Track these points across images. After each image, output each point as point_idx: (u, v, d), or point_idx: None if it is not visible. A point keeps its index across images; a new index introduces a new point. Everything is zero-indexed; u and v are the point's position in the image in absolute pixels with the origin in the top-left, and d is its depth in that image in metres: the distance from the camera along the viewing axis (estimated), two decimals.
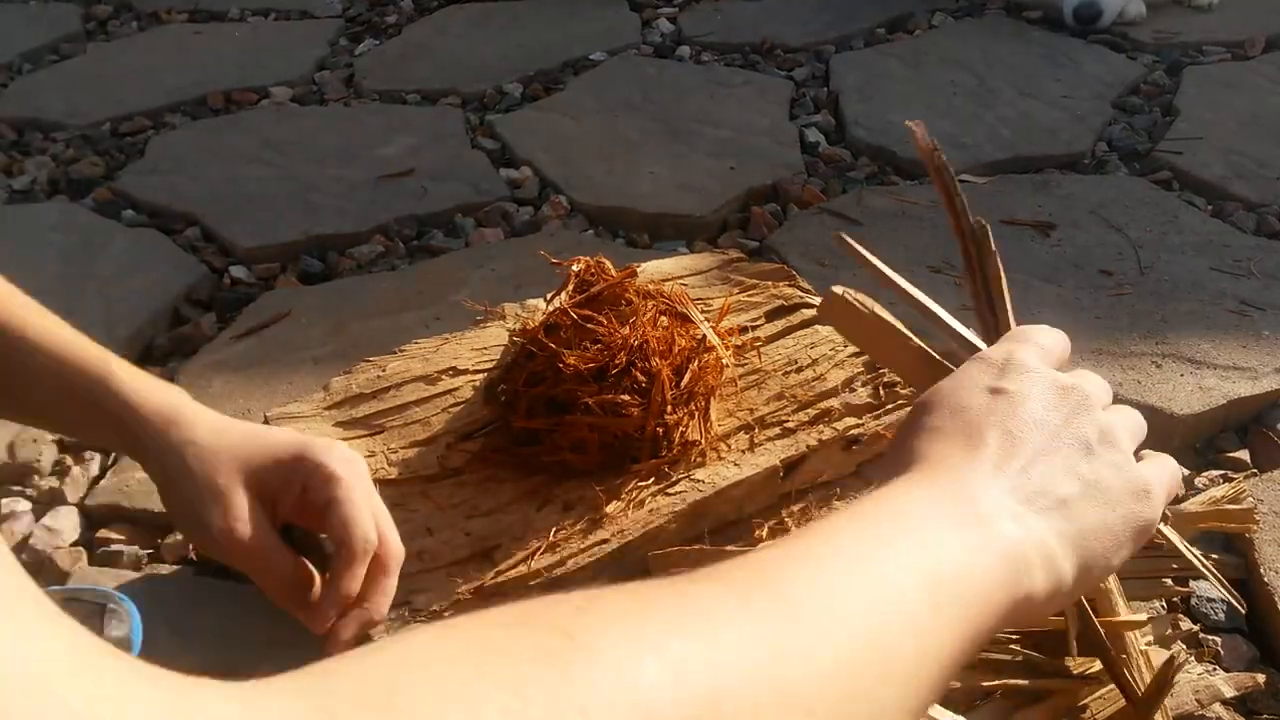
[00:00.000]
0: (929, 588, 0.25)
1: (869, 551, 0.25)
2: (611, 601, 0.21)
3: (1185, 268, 0.87)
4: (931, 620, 0.24)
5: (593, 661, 0.18)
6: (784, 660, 0.20)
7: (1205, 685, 0.50)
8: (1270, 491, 0.64)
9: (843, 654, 0.21)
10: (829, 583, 0.23)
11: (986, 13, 1.52)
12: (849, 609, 0.23)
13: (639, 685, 0.18)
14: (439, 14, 1.58)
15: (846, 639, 0.22)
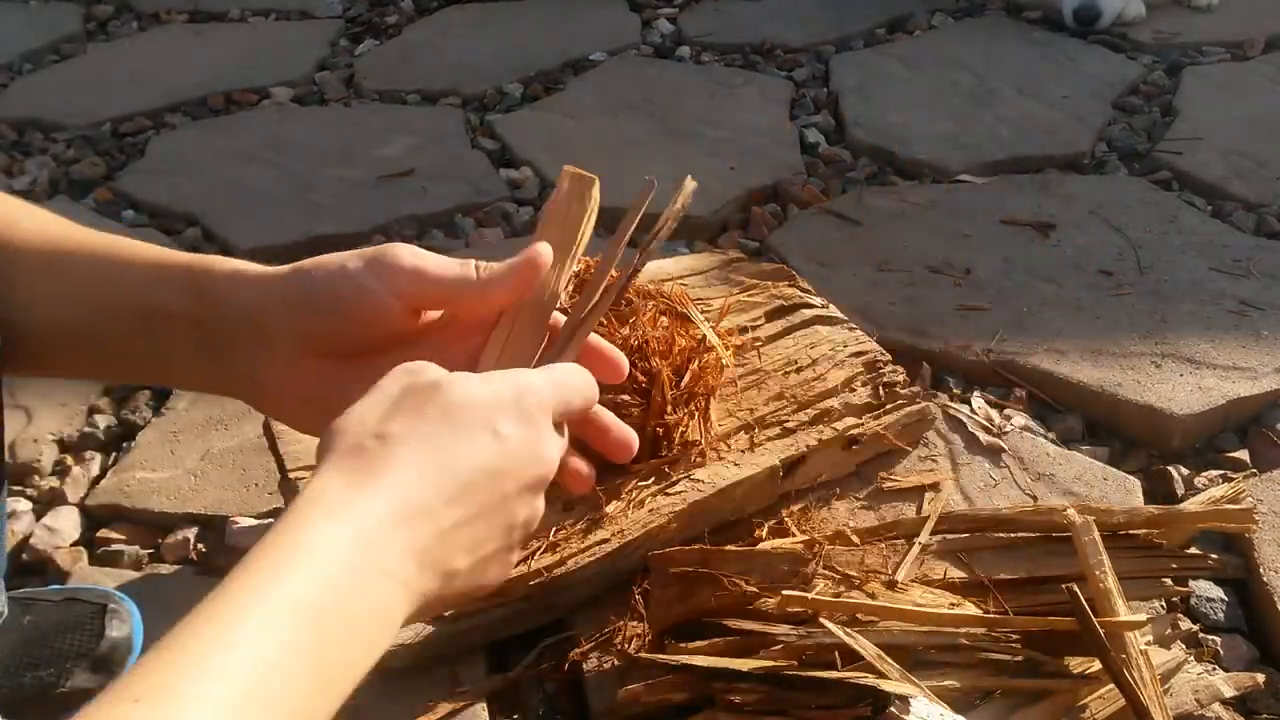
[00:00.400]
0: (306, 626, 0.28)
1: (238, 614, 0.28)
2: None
3: (1185, 268, 0.88)
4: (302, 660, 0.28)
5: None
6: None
7: (1205, 685, 0.50)
8: (1270, 491, 0.64)
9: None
10: (200, 663, 0.27)
11: (986, 13, 1.52)
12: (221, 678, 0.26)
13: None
14: (439, 14, 1.58)
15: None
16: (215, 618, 0.28)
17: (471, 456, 0.34)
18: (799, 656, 0.47)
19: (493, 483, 0.35)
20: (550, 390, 0.37)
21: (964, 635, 0.47)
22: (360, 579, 0.30)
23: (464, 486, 0.34)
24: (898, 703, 0.42)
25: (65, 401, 0.77)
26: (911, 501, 0.62)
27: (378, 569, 0.31)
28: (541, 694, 0.53)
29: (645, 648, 0.52)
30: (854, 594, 0.51)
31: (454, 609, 0.35)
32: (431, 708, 0.50)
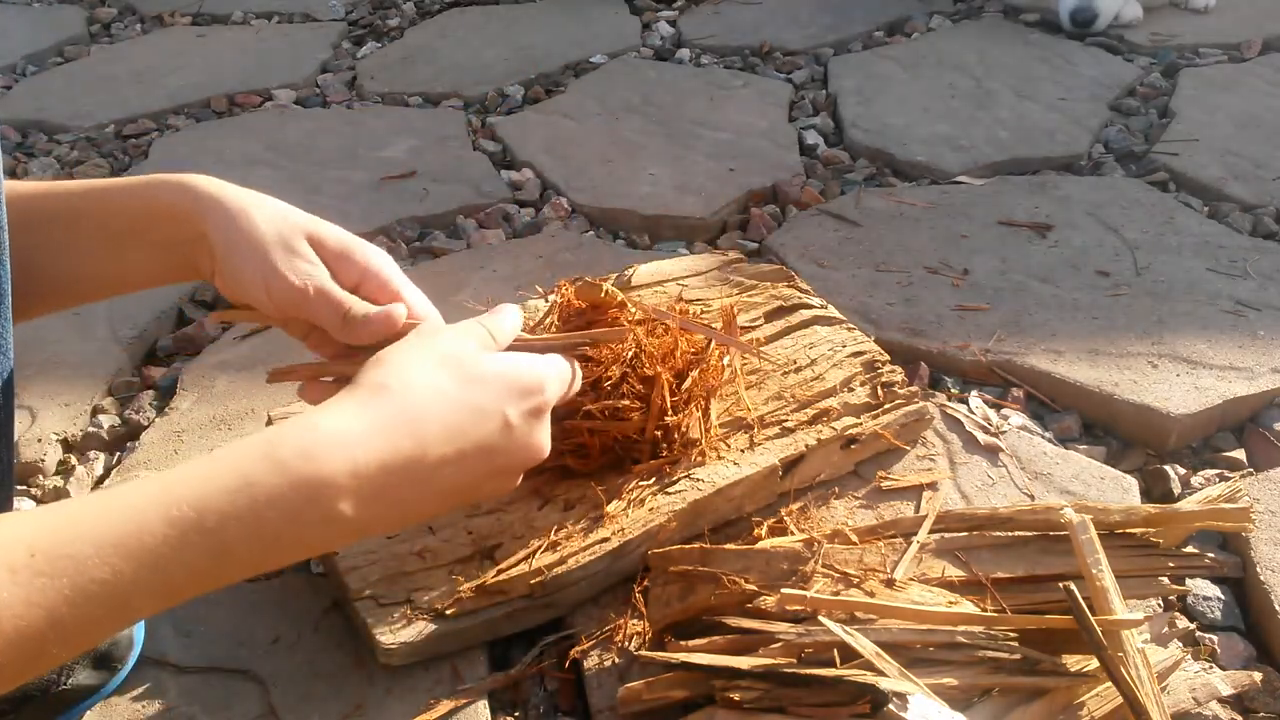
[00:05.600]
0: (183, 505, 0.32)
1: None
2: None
3: (1181, 268, 0.88)
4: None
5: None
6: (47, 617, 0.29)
7: (1202, 683, 0.51)
8: (1266, 491, 0.64)
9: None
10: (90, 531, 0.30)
11: (984, 15, 1.53)
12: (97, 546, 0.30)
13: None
14: (440, 17, 1.59)
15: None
16: (139, 492, 0.32)
17: (479, 430, 0.39)
18: (798, 654, 0.47)
19: (488, 459, 0.40)
20: (558, 386, 0.45)
21: (962, 633, 0.48)
22: (294, 513, 0.34)
23: (460, 453, 0.39)
24: (896, 700, 0.42)
25: (69, 401, 0.77)
26: (910, 500, 0.62)
27: (323, 511, 0.34)
28: (542, 691, 0.53)
29: (645, 645, 0.52)
30: (852, 592, 0.51)
31: None
32: (433, 705, 0.51)
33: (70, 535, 0.30)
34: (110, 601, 0.30)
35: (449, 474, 0.38)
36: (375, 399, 0.37)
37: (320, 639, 0.55)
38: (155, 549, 0.31)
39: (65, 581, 0.29)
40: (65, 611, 0.29)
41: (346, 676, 0.53)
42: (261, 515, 0.33)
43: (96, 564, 0.30)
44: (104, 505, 0.31)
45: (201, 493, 0.32)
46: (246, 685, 0.53)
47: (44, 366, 0.81)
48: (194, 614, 0.57)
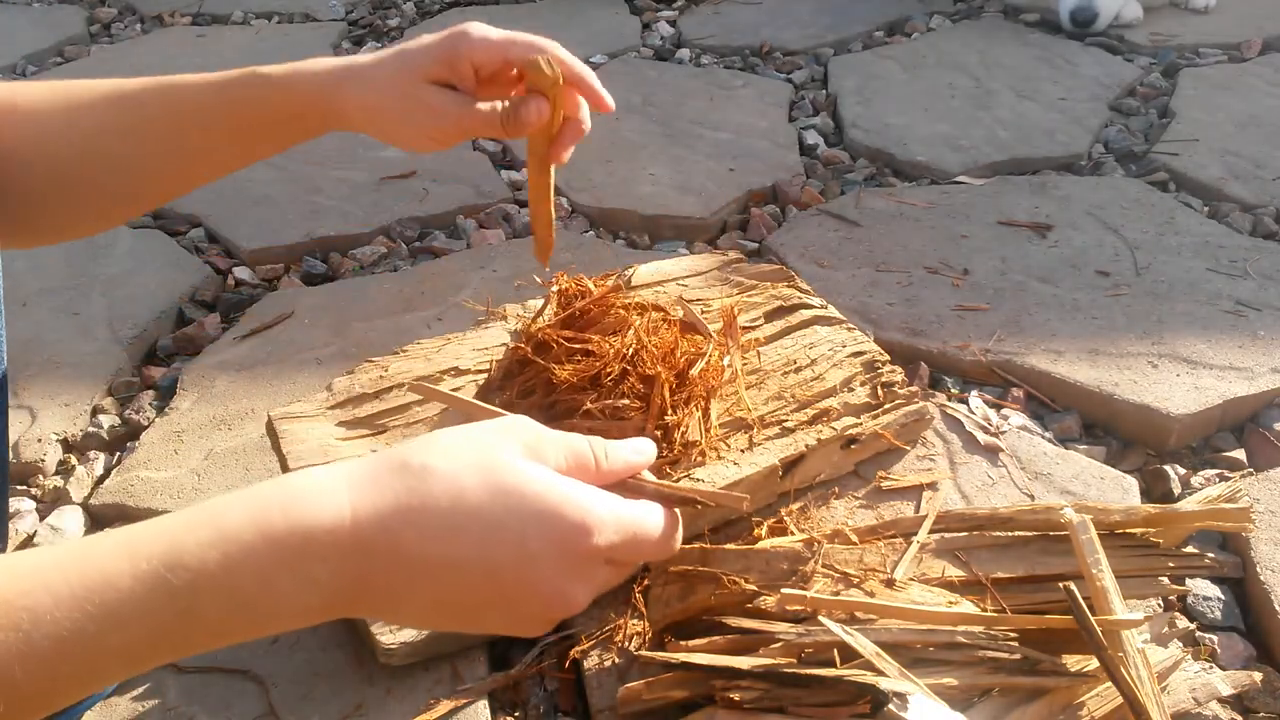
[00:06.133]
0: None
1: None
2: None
3: (1181, 268, 0.88)
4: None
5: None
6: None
7: (1202, 683, 0.51)
8: (1266, 491, 0.64)
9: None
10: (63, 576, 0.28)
11: (984, 16, 1.53)
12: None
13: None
14: (441, 17, 1.59)
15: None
16: (108, 542, 0.29)
17: (487, 548, 0.33)
18: (798, 654, 0.47)
19: (494, 586, 0.33)
20: (619, 535, 0.35)
21: (962, 633, 0.48)
22: (267, 576, 0.30)
23: (456, 565, 0.33)
24: (896, 700, 0.42)
25: (69, 401, 0.77)
26: (910, 500, 0.62)
27: (298, 575, 0.30)
28: (542, 692, 0.53)
29: (645, 645, 0.52)
30: (853, 592, 0.51)
31: None
32: (433, 705, 0.51)
33: (30, 585, 0.27)
34: (68, 660, 0.27)
35: (446, 582, 0.33)
36: (388, 473, 0.33)
37: (320, 639, 0.55)
38: (120, 603, 0.28)
39: (19, 636, 0.27)
40: (17, 669, 0.27)
41: (346, 676, 0.53)
42: (234, 573, 0.30)
43: (58, 618, 0.27)
44: (69, 554, 0.29)
45: (174, 546, 0.29)
46: (246, 685, 0.53)
47: (44, 366, 0.81)
48: None
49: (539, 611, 0.34)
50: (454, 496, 0.32)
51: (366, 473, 0.33)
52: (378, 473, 0.33)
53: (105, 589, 0.28)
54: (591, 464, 0.36)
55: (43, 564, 0.28)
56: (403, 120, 0.49)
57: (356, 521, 0.31)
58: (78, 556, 0.29)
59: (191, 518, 0.30)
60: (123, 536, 0.29)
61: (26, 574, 0.28)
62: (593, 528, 0.34)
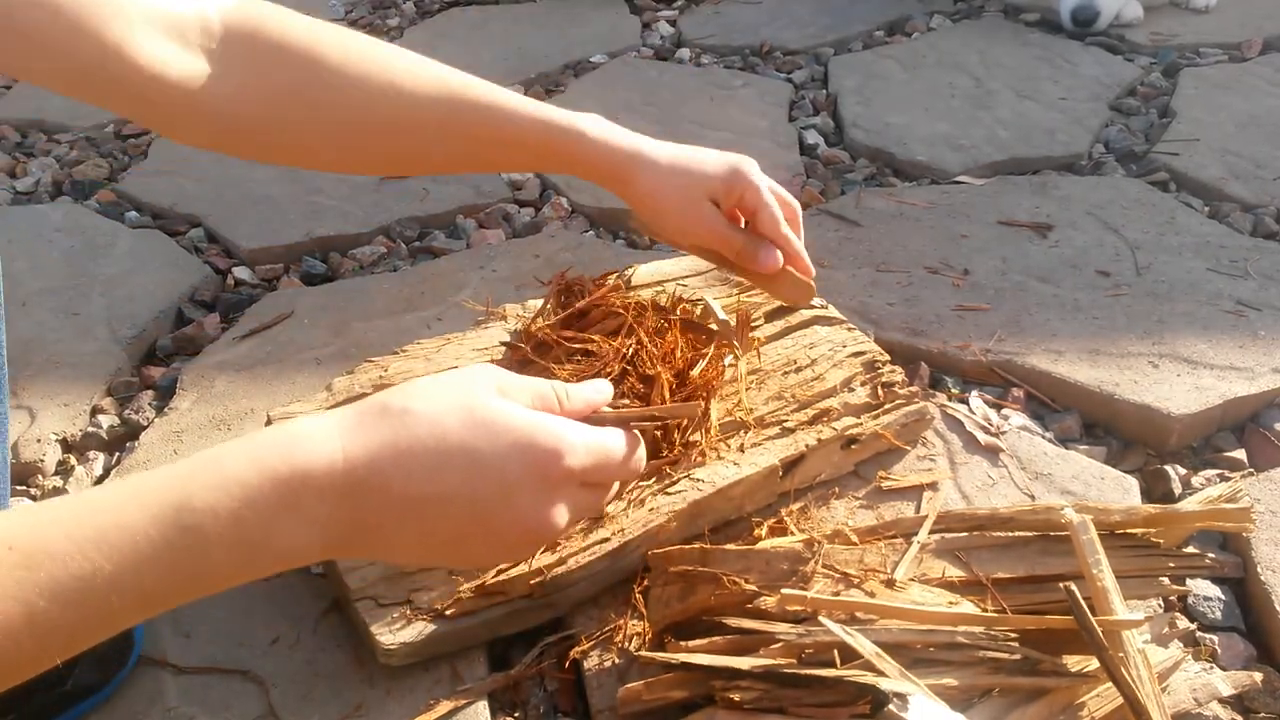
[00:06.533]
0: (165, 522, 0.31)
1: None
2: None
3: (1182, 268, 0.88)
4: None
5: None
6: (25, 619, 0.28)
7: (1202, 683, 0.51)
8: (1267, 491, 0.64)
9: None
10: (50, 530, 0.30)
11: (984, 15, 1.53)
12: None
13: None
14: (440, 17, 1.59)
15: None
16: (119, 490, 0.32)
17: (469, 479, 0.35)
18: (798, 655, 0.47)
19: (477, 517, 0.36)
20: (590, 457, 0.38)
21: (962, 634, 0.48)
22: (270, 515, 0.32)
23: (443, 497, 0.35)
24: (896, 700, 0.42)
25: (69, 402, 0.77)
26: (910, 501, 0.62)
27: (299, 514, 0.33)
28: (542, 692, 0.53)
29: (645, 646, 0.52)
30: (853, 593, 0.51)
31: None
32: (433, 705, 0.51)
33: (49, 531, 0.29)
34: (88, 601, 0.29)
35: (433, 515, 0.35)
36: (370, 416, 0.35)
37: (320, 639, 0.55)
38: (134, 546, 0.30)
39: (43, 575, 0.29)
40: (42, 608, 0.28)
41: (346, 677, 0.53)
42: (239, 514, 0.32)
43: (75, 559, 0.29)
44: (84, 501, 0.31)
45: (181, 489, 0.32)
46: (246, 686, 0.53)
47: (44, 367, 0.81)
48: (194, 614, 0.57)
49: (522, 537, 0.37)
50: (437, 436, 0.35)
51: (353, 419, 0.35)
52: (363, 418, 0.35)
53: (119, 531, 0.30)
54: (555, 404, 0.39)
55: (58, 512, 0.30)
56: (676, 220, 0.57)
57: (349, 463, 0.34)
58: (90, 503, 0.31)
59: (195, 464, 0.32)
60: (131, 484, 0.31)
61: (45, 521, 0.30)
62: (564, 451, 0.37)
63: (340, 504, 0.34)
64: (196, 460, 0.33)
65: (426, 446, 0.35)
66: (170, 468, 0.32)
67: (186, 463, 0.33)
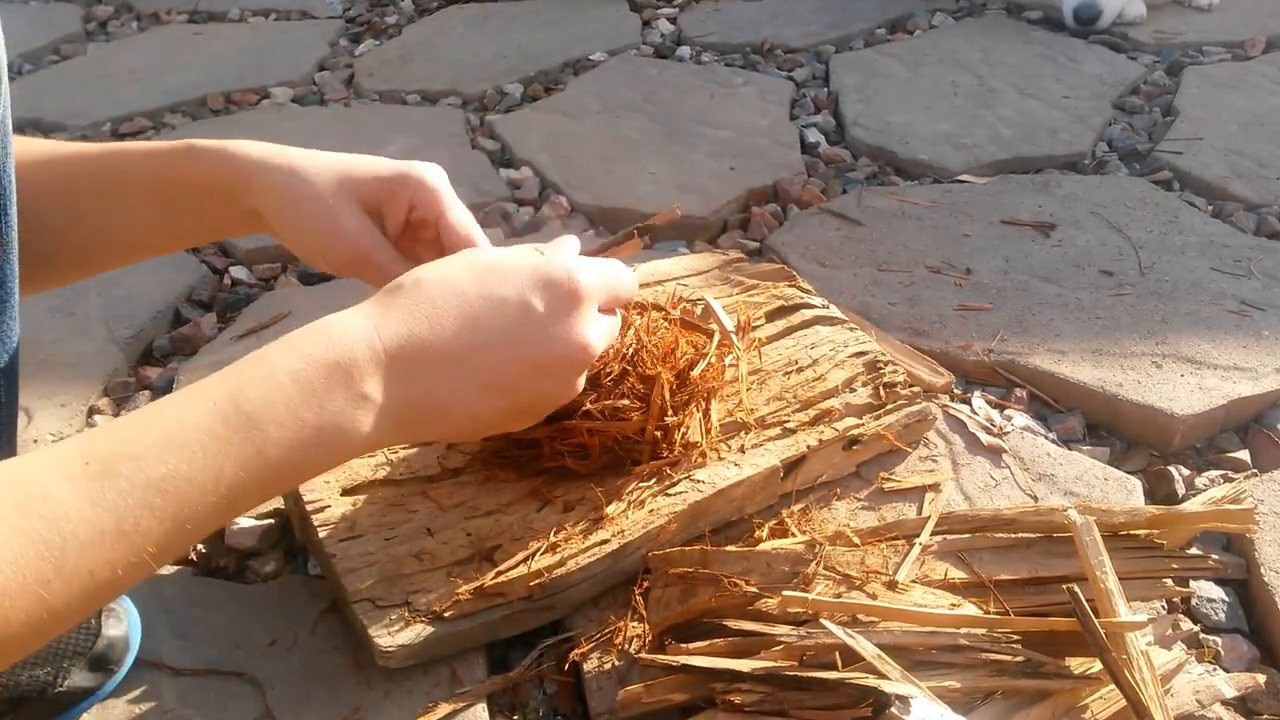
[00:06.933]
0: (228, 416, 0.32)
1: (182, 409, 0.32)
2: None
3: (1185, 268, 0.87)
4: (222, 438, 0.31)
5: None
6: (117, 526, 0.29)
7: (1205, 685, 0.50)
8: (1270, 492, 0.64)
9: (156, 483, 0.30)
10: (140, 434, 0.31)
11: (987, 13, 1.52)
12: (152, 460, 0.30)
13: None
14: (439, 14, 1.58)
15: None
16: (178, 397, 0.32)
17: (498, 317, 0.37)
18: (799, 657, 0.46)
19: (517, 351, 0.37)
20: (598, 278, 0.40)
21: (964, 636, 0.47)
22: (324, 397, 0.33)
23: (482, 344, 0.37)
24: (898, 703, 0.42)
25: (65, 402, 0.77)
26: (912, 502, 0.62)
27: (351, 394, 0.34)
28: (541, 694, 0.53)
29: (645, 648, 0.52)
30: (854, 594, 0.50)
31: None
32: (431, 708, 0.50)
33: (120, 441, 0.30)
34: (171, 502, 0.30)
35: (479, 365, 0.36)
36: (388, 297, 0.36)
37: (317, 641, 0.55)
38: (201, 442, 0.31)
39: (124, 482, 0.29)
40: (129, 511, 0.29)
41: (344, 679, 0.52)
42: (293, 401, 0.32)
43: (150, 463, 0.30)
44: (149, 411, 0.32)
45: (234, 385, 0.32)
46: (243, 688, 0.53)
47: (40, 367, 0.80)
48: (190, 616, 0.56)
49: (568, 365, 0.39)
50: (457, 293, 0.37)
51: (374, 304, 0.36)
52: (382, 300, 0.36)
53: (185, 431, 0.31)
54: (540, 253, 0.42)
55: (126, 424, 0.31)
56: (307, 232, 0.46)
57: (384, 341, 0.35)
58: (155, 411, 0.32)
59: (242, 364, 0.33)
60: (187, 391, 0.33)
61: (114, 433, 0.31)
62: (574, 270, 0.39)
63: (390, 379, 0.34)
64: (242, 362, 0.33)
65: (450, 303, 0.36)
66: (218, 372, 0.33)
67: (234, 365, 0.33)
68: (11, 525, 0.27)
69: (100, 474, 0.29)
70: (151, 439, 0.30)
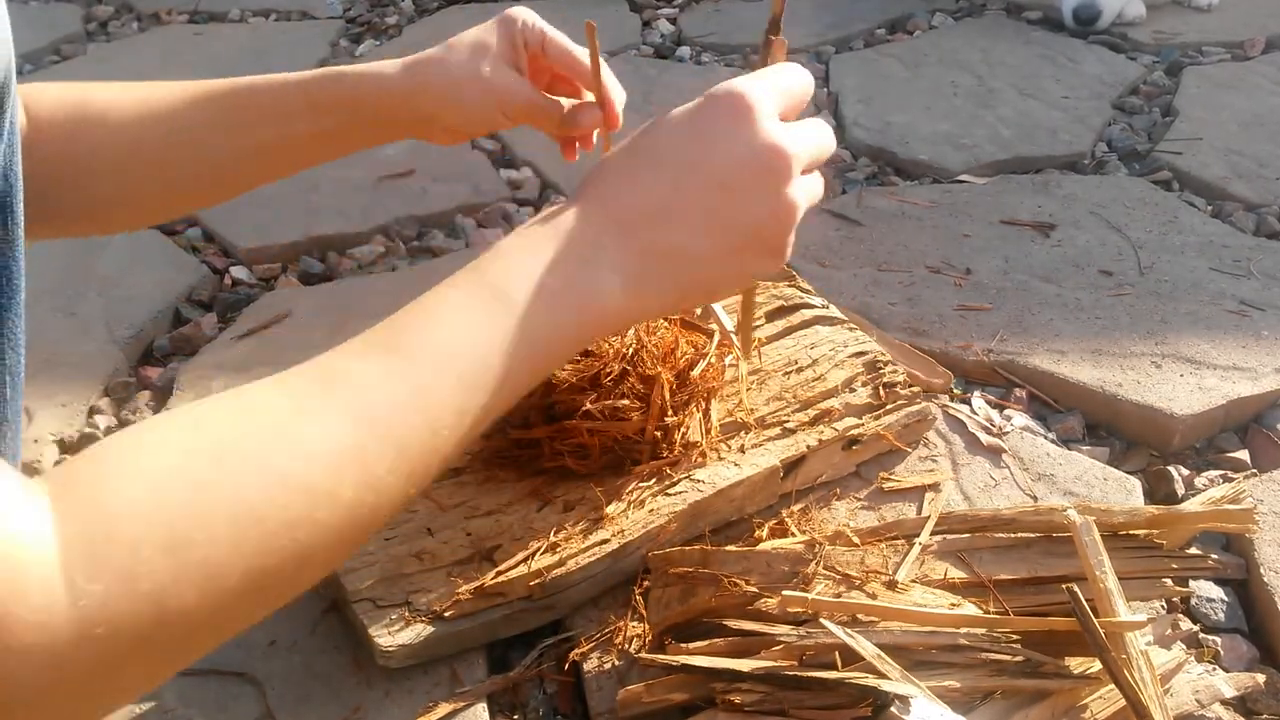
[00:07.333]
0: (513, 311, 0.33)
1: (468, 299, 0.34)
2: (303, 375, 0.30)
3: (1185, 268, 0.87)
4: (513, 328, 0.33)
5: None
6: (410, 394, 0.30)
7: (1205, 685, 0.50)
8: (1270, 492, 0.64)
9: (448, 370, 0.31)
10: (436, 324, 0.32)
11: (986, 13, 1.52)
12: (445, 341, 0.32)
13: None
14: (439, 14, 1.58)
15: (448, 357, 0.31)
16: (438, 291, 0.34)
17: (698, 149, 0.37)
18: (799, 657, 0.46)
19: (696, 179, 0.37)
20: (759, 82, 0.40)
21: (964, 635, 0.47)
22: (558, 262, 0.34)
23: (672, 184, 0.36)
24: (898, 703, 0.42)
25: (66, 402, 0.77)
26: (912, 502, 0.62)
27: (577, 258, 0.34)
28: (542, 694, 0.53)
29: (645, 648, 0.52)
30: (854, 594, 0.51)
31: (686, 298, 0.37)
32: (432, 708, 0.50)
33: (391, 327, 0.32)
34: (450, 372, 0.31)
35: (682, 207, 0.36)
36: (582, 188, 0.37)
37: (318, 641, 0.55)
38: (464, 318, 0.33)
39: (406, 356, 0.31)
40: (419, 380, 0.30)
41: (344, 679, 0.52)
42: (530, 269, 0.34)
43: (427, 337, 0.32)
44: (406, 310, 0.33)
45: (473, 269, 0.34)
46: (244, 688, 0.53)
47: (41, 367, 0.80)
48: None
49: (765, 174, 0.37)
50: (633, 158, 0.37)
51: (576, 196, 0.37)
52: (580, 192, 0.37)
53: (447, 309, 0.33)
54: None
55: (388, 321, 0.32)
56: (480, 101, 0.52)
57: (599, 212, 0.35)
58: (413, 306, 0.33)
59: (473, 261, 0.35)
60: (435, 290, 0.34)
61: (379, 327, 0.32)
62: (730, 85, 0.39)
63: (619, 236, 0.35)
64: (480, 257, 0.35)
65: (640, 150, 0.38)
66: (454, 279, 0.34)
67: (464, 270, 0.35)
68: (323, 396, 0.28)
69: (386, 350, 0.30)
70: (421, 322, 0.32)
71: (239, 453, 0.26)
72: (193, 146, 0.50)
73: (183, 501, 0.24)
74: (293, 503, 0.26)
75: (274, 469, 0.26)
